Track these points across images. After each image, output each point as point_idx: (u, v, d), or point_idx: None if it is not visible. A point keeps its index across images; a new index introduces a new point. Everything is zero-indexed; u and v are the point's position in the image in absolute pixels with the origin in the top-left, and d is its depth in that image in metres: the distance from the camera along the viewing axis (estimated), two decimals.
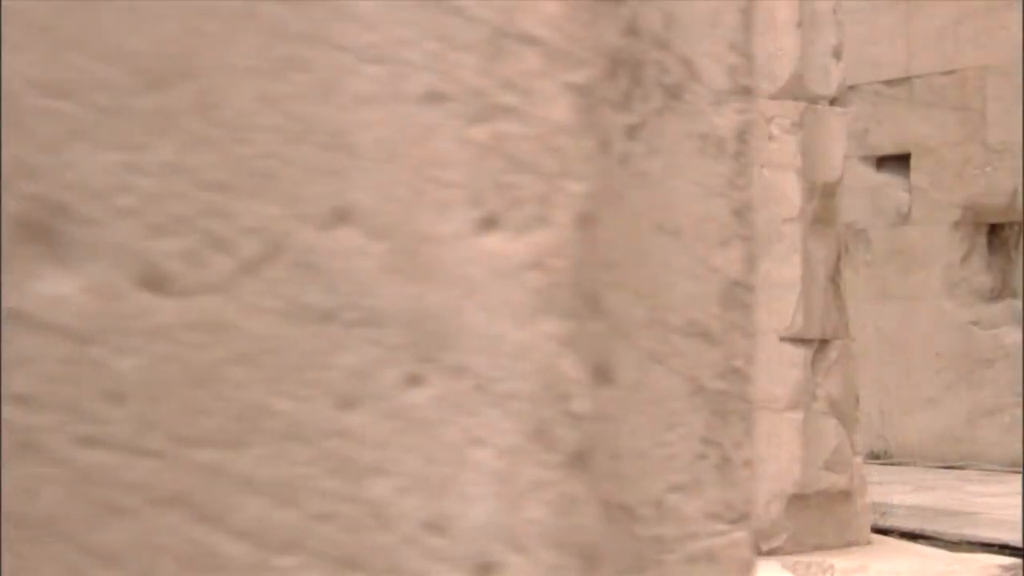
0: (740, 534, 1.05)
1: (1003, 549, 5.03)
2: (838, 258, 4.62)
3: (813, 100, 4.52)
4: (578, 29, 0.87)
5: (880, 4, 9.44)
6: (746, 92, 1.07)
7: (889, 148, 9.43)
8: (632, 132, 0.99)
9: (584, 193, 0.88)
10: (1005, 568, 4.23)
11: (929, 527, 5.55)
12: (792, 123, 4.44)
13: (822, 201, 4.54)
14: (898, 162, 9.42)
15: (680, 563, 1.02)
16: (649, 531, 1.00)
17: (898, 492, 6.83)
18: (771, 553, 4.33)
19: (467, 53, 0.85)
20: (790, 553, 4.32)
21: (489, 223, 0.86)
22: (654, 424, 1.00)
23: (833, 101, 4.59)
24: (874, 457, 9.03)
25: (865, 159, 9.52)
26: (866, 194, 9.41)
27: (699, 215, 1.03)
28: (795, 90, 4.48)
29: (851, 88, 9.53)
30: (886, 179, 9.46)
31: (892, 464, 8.80)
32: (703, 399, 1.04)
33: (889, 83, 9.43)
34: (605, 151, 0.94)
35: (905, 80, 9.36)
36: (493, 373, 0.85)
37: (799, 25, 4.46)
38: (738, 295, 1.07)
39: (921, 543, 5.07)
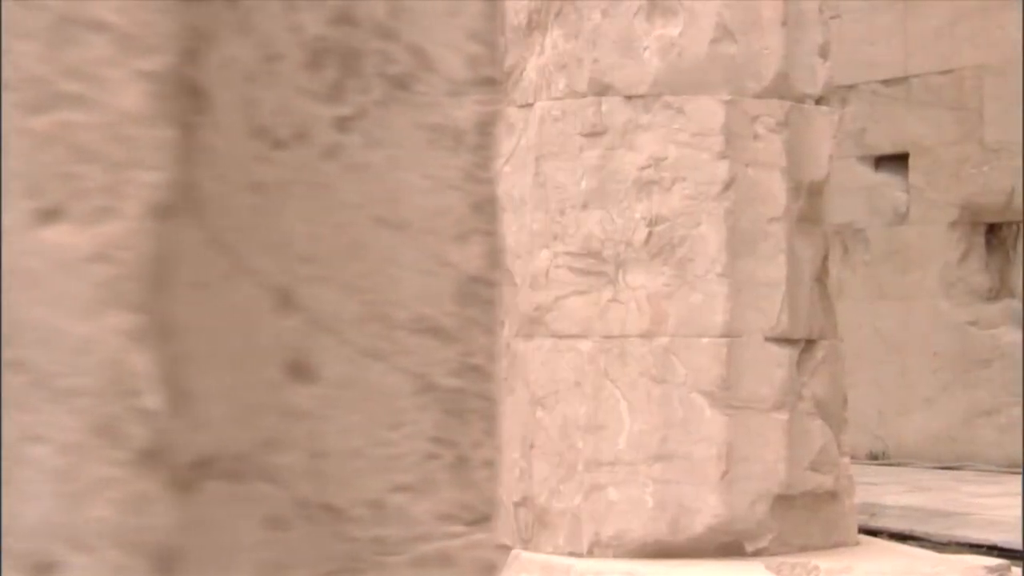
0: (481, 535, 1.03)
1: (992, 550, 5.01)
2: (825, 258, 4.60)
3: (799, 99, 4.50)
4: (152, 15, 0.86)
5: (877, 4, 9.41)
6: (489, 83, 1.06)
7: (887, 148, 9.40)
8: (344, 124, 0.98)
9: (156, 183, 0.87)
10: (991, 569, 4.20)
11: (919, 528, 5.53)
12: (777, 122, 4.42)
13: (808, 200, 4.53)
14: (896, 162, 9.39)
15: (407, 565, 1.00)
16: (366, 532, 0.98)
17: (892, 493, 6.80)
18: (756, 554, 4.32)
19: (29, 41, 0.84)
20: (775, 554, 4.30)
21: (51, 215, 0.85)
22: (372, 423, 0.98)
23: (819, 100, 4.57)
24: (872, 458, 9.00)
25: (863, 159, 9.49)
26: (863, 194, 9.38)
27: (431, 209, 1.01)
28: (780, 89, 4.46)
29: (849, 88, 9.51)
30: (884, 179, 9.43)
31: (889, 465, 8.78)
32: (434, 397, 1.02)
33: (886, 83, 9.41)
34: (197, 140, 0.93)
35: (902, 80, 9.34)
36: (53, 368, 0.84)
37: (784, 24, 4.45)
38: (477, 291, 1.05)
39: (910, 544, 5.04)
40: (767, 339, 4.38)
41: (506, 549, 1.18)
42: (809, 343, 4.46)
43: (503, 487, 4.69)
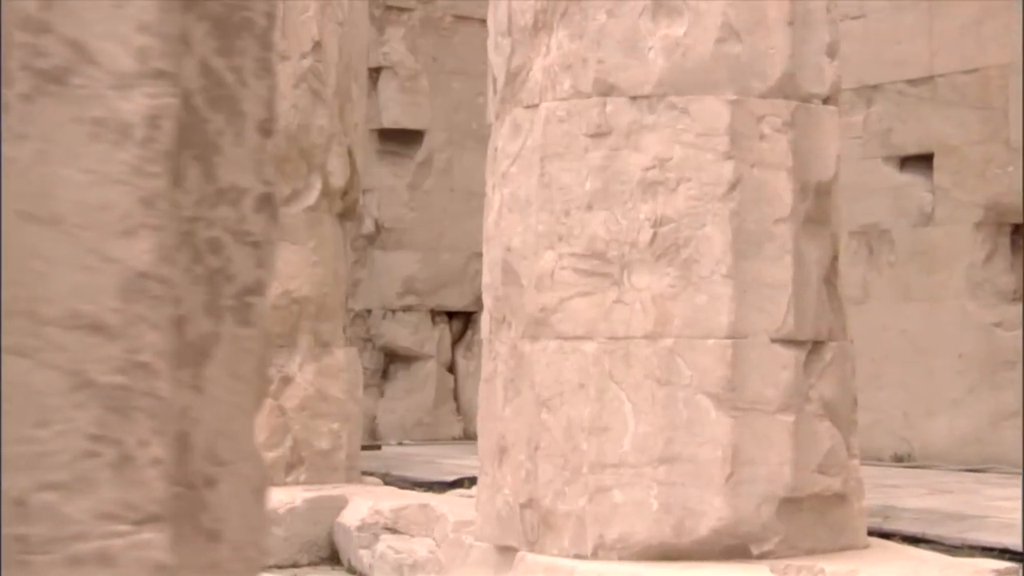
0: (148, 535, 1.02)
1: (1004, 553, 4.96)
2: (834, 259, 4.56)
3: (806, 99, 4.47)
4: None
5: (903, 3, 9.36)
6: (160, 75, 1.05)
7: (912, 148, 9.34)
8: None
9: None
10: (1000, 573, 4.17)
11: (932, 531, 5.48)
12: (783, 122, 4.39)
13: (816, 201, 4.49)
14: (921, 162, 9.33)
15: (60, 564, 0.99)
16: (7, 531, 0.97)
17: (912, 495, 6.75)
18: (762, 557, 4.29)
19: None
20: (781, 557, 4.27)
21: None
22: (12, 420, 0.97)
23: (827, 100, 4.54)
24: (897, 460, 8.95)
25: (888, 159, 9.44)
26: (889, 194, 9.33)
27: (91, 204, 1.00)
28: (787, 89, 4.43)
29: (874, 87, 9.45)
30: (909, 179, 9.38)
31: (915, 467, 8.71)
32: (92, 394, 1.01)
33: (912, 82, 9.35)
34: None
35: (928, 79, 9.28)
36: None
37: (791, 23, 4.41)
38: (146, 287, 1.04)
39: (923, 547, 5.00)
40: (773, 340, 4.37)
41: (254, 548, 1.17)
42: (817, 344, 4.43)
43: (489, 489, 4.68)
